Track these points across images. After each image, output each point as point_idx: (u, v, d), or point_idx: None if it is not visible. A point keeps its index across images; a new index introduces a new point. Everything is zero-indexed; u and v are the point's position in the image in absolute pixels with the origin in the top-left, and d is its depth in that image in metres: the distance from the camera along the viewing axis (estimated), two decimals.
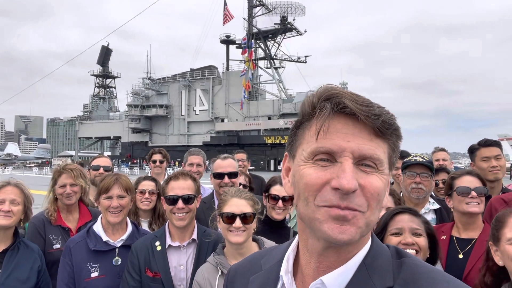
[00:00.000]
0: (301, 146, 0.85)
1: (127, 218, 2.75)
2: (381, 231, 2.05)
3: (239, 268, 1.09)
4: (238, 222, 2.13)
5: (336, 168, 0.78)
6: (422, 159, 3.17)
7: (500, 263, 1.82)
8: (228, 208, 2.17)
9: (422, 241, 1.96)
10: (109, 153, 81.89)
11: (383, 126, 0.79)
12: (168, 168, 5.12)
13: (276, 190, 2.90)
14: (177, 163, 48.67)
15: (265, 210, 2.96)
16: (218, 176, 3.35)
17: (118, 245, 2.59)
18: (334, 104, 0.79)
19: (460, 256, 2.48)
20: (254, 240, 2.27)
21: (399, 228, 1.99)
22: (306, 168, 0.82)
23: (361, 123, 0.79)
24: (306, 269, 0.88)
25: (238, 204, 2.18)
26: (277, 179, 2.98)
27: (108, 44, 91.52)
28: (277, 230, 2.86)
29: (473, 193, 2.51)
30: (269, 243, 2.28)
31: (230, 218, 2.14)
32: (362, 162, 0.79)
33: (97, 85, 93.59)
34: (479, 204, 2.52)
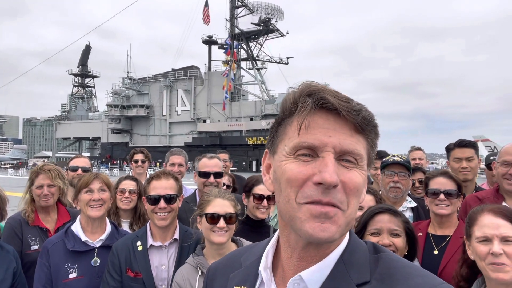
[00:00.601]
0: (282, 142, 0.85)
1: (107, 218, 2.71)
2: (360, 229, 2.09)
3: (219, 266, 1.09)
4: (222, 222, 2.14)
5: (318, 163, 0.79)
6: (400, 159, 3.25)
7: (472, 257, 1.89)
8: (212, 209, 2.18)
9: (400, 242, 2.01)
10: (88, 154, 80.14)
11: (363, 122, 0.80)
12: (149, 169, 5.07)
13: (260, 189, 2.91)
14: (158, 164, 48.09)
15: (245, 210, 2.98)
16: (204, 175, 3.34)
17: (97, 245, 2.56)
18: (316, 99, 0.80)
19: (435, 252, 2.56)
20: (232, 240, 2.28)
21: (378, 228, 2.04)
22: (288, 163, 0.82)
23: (342, 119, 0.80)
24: (287, 264, 0.88)
25: (222, 205, 2.20)
26: (260, 178, 2.99)
27: (89, 43, 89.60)
28: (257, 229, 2.87)
29: (441, 196, 2.59)
30: (247, 244, 2.30)
31: (213, 218, 2.15)
32: (343, 157, 0.81)
33: (75, 84, 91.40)
34: (448, 206, 2.59)
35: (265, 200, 2.88)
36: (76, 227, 2.58)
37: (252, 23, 63.09)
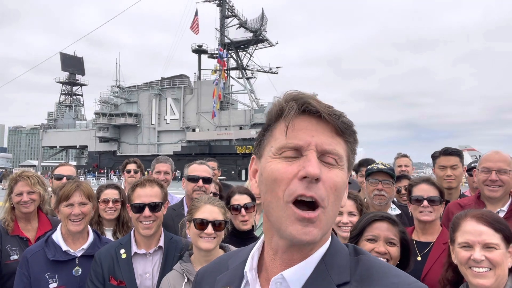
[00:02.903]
0: (269, 144, 0.90)
1: (89, 226, 2.67)
2: (357, 235, 2.11)
3: (207, 270, 1.12)
4: (210, 229, 2.14)
5: (302, 160, 0.85)
6: (384, 167, 3.28)
7: (455, 262, 1.91)
8: (201, 215, 2.19)
9: (395, 251, 2.04)
10: (74, 163, 78.99)
11: (343, 126, 0.87)
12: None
13: (236, 200, 2.89)
14: (146, 173, 47.62)
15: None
16: (193, 179, 3.34)
17: (79, 254, 2.51)
18: (300, 103, 0.87)
19: (419, 258, 2.58)
20: (221, 247, 2.28)
21: (375, 235, 2.06)
22: (273, 163, 0.87)
23: (324, 122, 0.87)
24: (270, 266, 0.92)
25: (211, 211, 2.20)
26: (235, 189, 3.00)
27: (74, 52, 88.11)
28: (245, 241, 2.85)
29: (425, 203, 2.63)
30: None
31: (202, 224, 2.15)
32: (324, 158, 0.86)
33: (63, 92, 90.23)
34: (431, 212, 2.63)
35: (242, 210, 2.86)
36: (57, 236, 2.53)
37: (240, 25, 62.76)
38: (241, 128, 59.89)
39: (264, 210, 0.92)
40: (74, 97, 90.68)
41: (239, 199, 2.89)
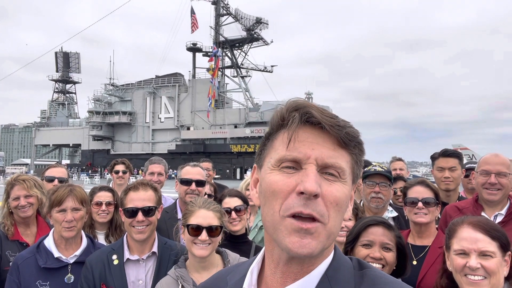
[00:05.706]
0: (269, 155, 0.88)
1: (82, 231, 2.61)
2: (352, 240, 2.08)
3: (206, 285, 1.10)
4: (204, 235, 2.07)
5: (300, 174, 0.82)
6: (381, 169, 3.25)
7: (450, 268, 1.88)
8: (195, 220, 2.12)
9: (391, 256, 2.01)
10: (68, 161, 78.49)
11: (346, 137, 0.83)
12: (131, 178, 4.95)
13: (226, 203, 2.86)
14: (140, 171, 47.43)
15: None
16: (186, 182, 3.28)
17: (71, 261, 2.45)
18: (302, 114, 0.83)
19: (414, 262, 2.55)
20: (217, 252, 2.23)
21: (370, 240, 2.03)
22: (272, 175, 0.85)
23: (325, 133, 0.83)
24: (270, 281, 0.89)
25: (205, 216, 2.13)
26: (225, 192, 2.97)
27: (61, 49, 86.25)
28: (237, 246, 2.78)
29: (420, 204, 2.61)
30: (233, 256, 2.24)
31: (196, 230, 2.09)
32: (325, 170, 0.83)
33: (56, 90, 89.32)
34: (426, 214, 2.61)
35: (233, 213, 2.82)
36: (49, 242, 2.46)
37: (234, 21, 62.12)
38: (236, 127, 59.85)
39: (262, 221, 0.90)
40: (67, 95, 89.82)
41: (230, 202, 2.85)
